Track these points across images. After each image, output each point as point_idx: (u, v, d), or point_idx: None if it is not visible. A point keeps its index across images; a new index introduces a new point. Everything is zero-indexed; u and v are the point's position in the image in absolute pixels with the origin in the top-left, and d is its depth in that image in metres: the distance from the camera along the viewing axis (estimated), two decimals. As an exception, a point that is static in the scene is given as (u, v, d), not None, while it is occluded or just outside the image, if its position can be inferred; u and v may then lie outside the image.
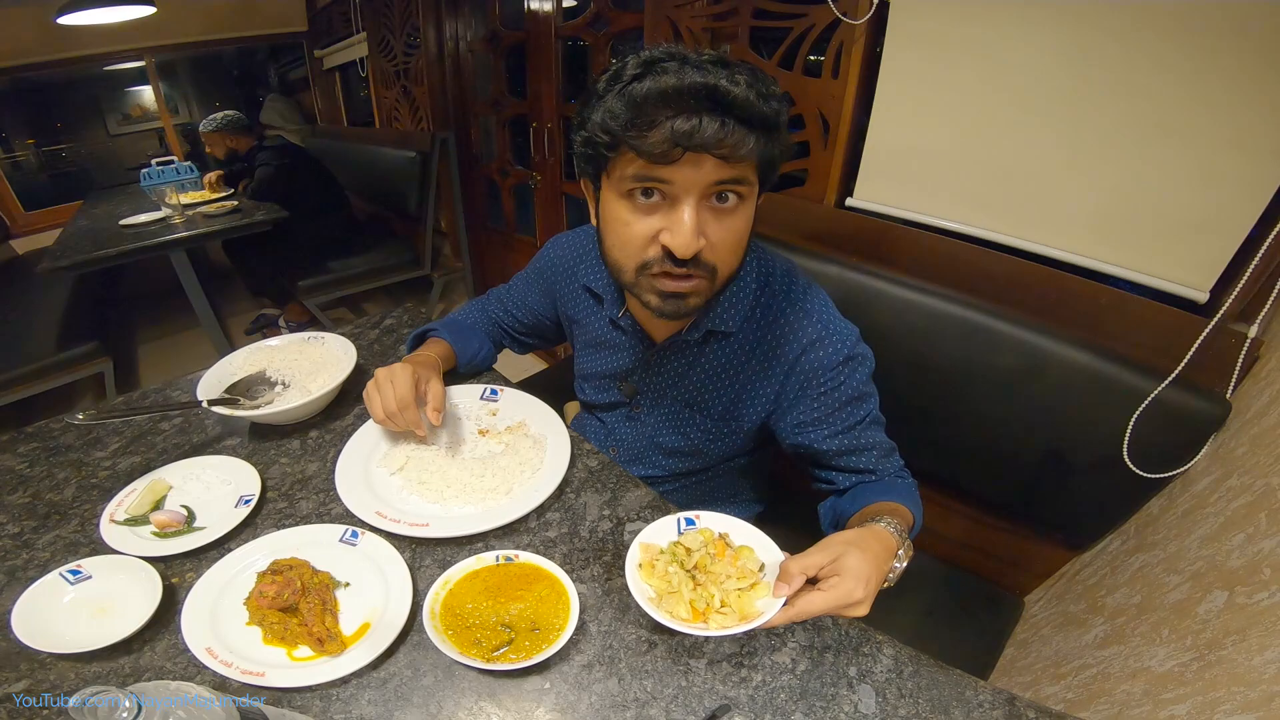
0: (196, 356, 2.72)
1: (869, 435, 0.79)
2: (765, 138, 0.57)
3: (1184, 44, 0.81)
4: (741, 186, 0.60)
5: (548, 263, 0.94)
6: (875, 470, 0.80)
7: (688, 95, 0.54)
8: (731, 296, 0.76)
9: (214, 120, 2.76)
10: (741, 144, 0.55)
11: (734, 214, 0.62)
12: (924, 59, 1.06)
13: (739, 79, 0.55)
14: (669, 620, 0.55)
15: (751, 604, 0.57)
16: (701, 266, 0.63)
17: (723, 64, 0.56)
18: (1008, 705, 0.57)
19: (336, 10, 3.15)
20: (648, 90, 0.55)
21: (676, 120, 0.54)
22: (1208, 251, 0.87)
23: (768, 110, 0.56)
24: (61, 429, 0.92)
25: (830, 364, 0.75)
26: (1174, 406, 0.85)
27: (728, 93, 0.54)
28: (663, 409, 0.88)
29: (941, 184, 1.11)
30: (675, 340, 0.80)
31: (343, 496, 0.76)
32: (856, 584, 0.54)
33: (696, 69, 0.55)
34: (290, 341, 1.01)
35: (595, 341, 0.91)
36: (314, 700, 0.56)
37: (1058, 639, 0.91)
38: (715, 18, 1.36)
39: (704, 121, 0.54)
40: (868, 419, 0.79)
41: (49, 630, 0.60)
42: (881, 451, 0.80)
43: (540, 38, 2.09)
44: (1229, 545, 0.68)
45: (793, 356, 0.76)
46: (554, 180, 2.27)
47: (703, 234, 0.61)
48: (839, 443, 0.78)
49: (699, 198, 0.59)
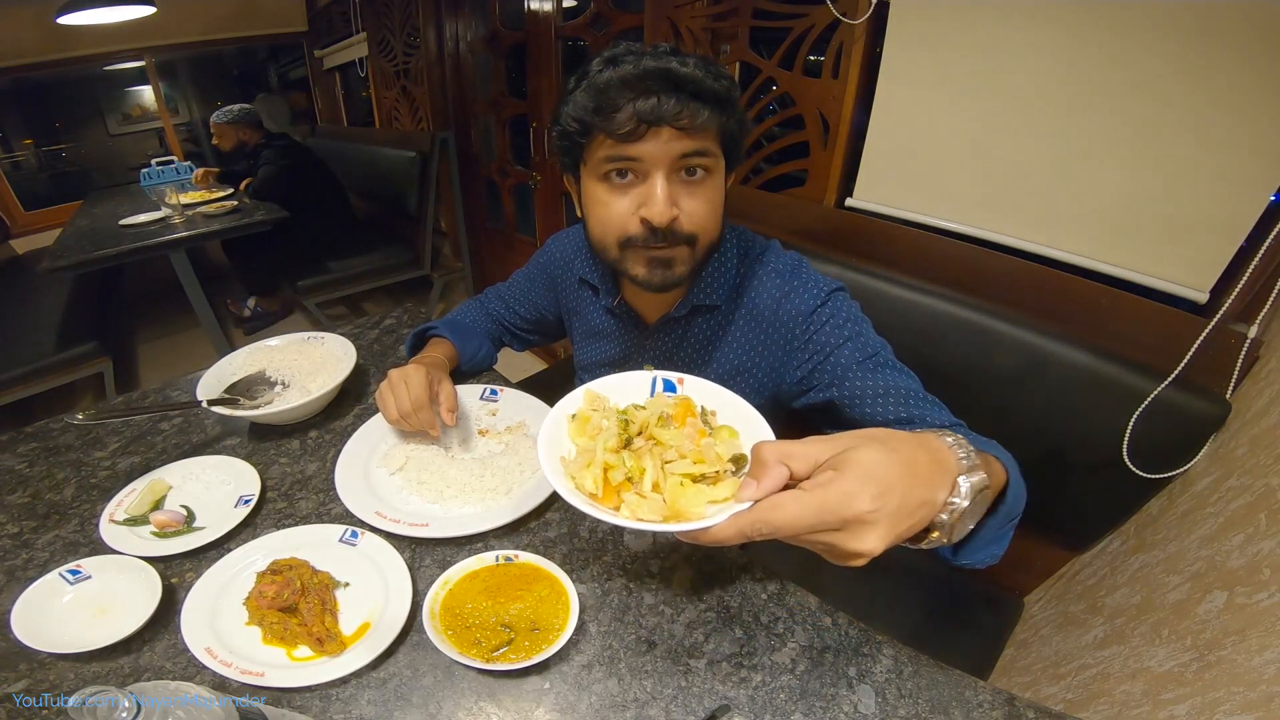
0: (196, 356, 2.72)
1: (880, 378, 0.69)
2: (719, 110, 0.63)
3: (1184, 44, 0.81)
4: (706, 159, 0.65)
5: (549, 258, 0.96)
6: (904, 419, 0.66)
7: (645, 78, 0.60)
8: (714, 271, 0.78)
9: (229, 112, 2.77)
10: (698, 114, 0.61)
11: (703, 185, 0.67)
12: (924, 59, 1.06)
13: (689, 61, 0.62)
14: (565, 489, 0.42)
15: (698, 502, 0.40)
16: (679, 236, 0.67)
17: (675, 53, 0.63)
18: (1007, 705, 0.57)
19: (336, 10, 3.16)
20: (608, 79, 0.62)
21: (637, 101, 0.61)
22: (1207, 252, 0.87)
23: (718, 86, 0.62)
24: (61, 429, 0.92)
25: (805, 310, 0.75)
26: (1174, 407, 0.85)
27: (679, 71, 0.60)
28: None
29: (941, 184, 1.11)
30: (665, 319, 0.82)
31: (342, 496, 0.76)
32: (862, 487, 0.36)
33: (652, 58, 0.62)
34: (290, 341, 1.01)
35: (593, 331, 0.92)
36: (314, 700, 0.56)
37: (1057, 639, 0.91)
38: (715, 18, 1.36)
39: (661, 99, 0.60)
40: (870, 359, 0.71)
41: (48, 630, 0.60)
42: (900, 396, 0.67)
43: (540, 38, 2.09)
44: (1229, 545, 0.68)
45: (769, 314, 0.77)
46: (554, 180, 2.27)
47: (676, 204, 0.65)
48: (842, 390, 0.70)
49: (668, 170, 0.64)
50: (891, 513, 0.36)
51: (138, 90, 3.74)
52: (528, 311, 1.02)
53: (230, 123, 2.76)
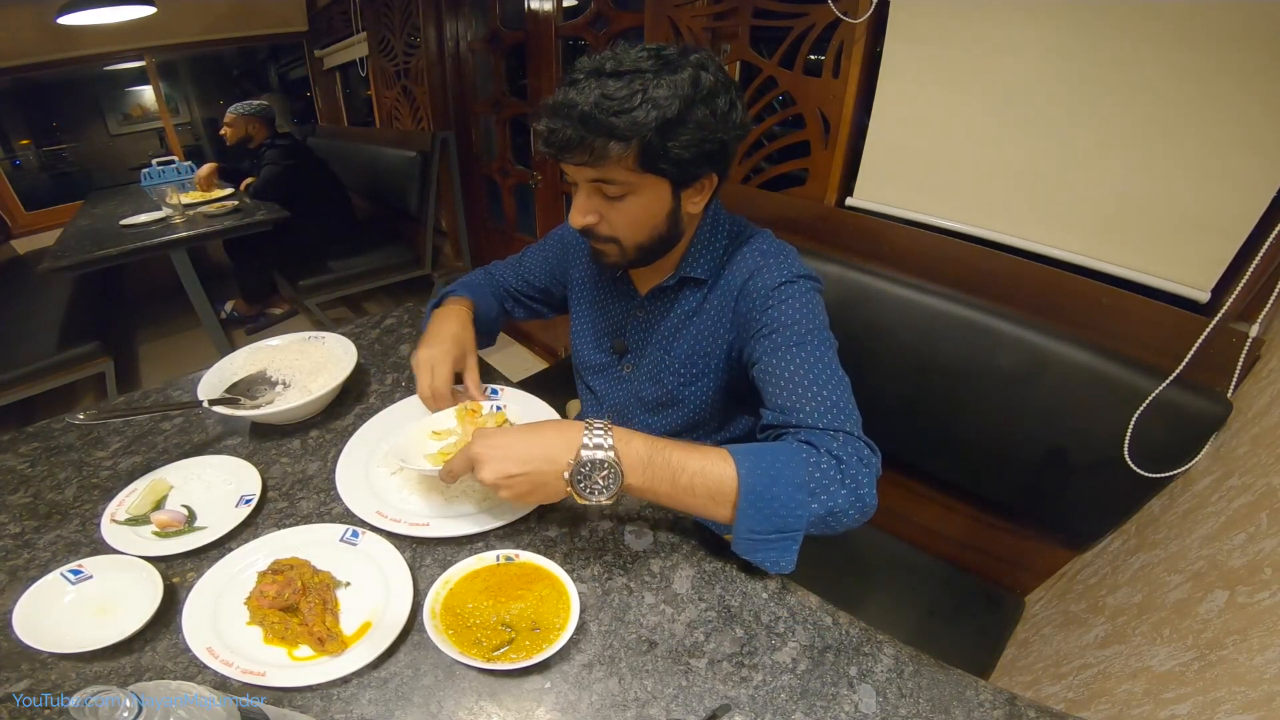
0: (197, 356, 2.72)
1: (794, 362, 0.69)
2: (622, 143, 0.65)
3: (1186, 43, 0.81)
4: (613, 186, 0.70)
5: (568, 230, 1.02)
6: (789, 408, 0.67)
7: (555, 112, 0.66)
8: (700, 247, 0.83)
9: (249, 105, 2.77)
10: (597, 149, 0.66)
11: (623, 201, 0.72)
12: (924, 58, 1.06)
13: (593, 92, 0.64)
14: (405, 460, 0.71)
15: None
16: (601, 238, 0.77)
17: (610, 74, 0.65)
18: (1008, 705, 0.57)
19: (336, 10, 3.15)
20: (543, 106, 0.68)
21: (551, 133, 0.67)
22: (1209, 251, 0.87)
23: (612, 121, 0.64)
24: (62, 429, 0.92)
25: (770, 284, 0.77)
26: (1175, 406, 0.85)
27: (574, 108, 0.64)
28: (644, 363, 0.93)
29: (942, 183, 1.11)
30: (657, 290, 0.87)
31: (343, 496, 0.76)
32: (477, 442, 0.62)
33: (577, 84, 0.65)
34: (291, 341, 1.02)
35: (593, 299, 0.99)
36: (314, 700, 0.56)
37: (1058, 638, 0.91)
38: (715, 17, 1.36)
39: (560, 132, 0.66)
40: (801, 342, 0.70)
41: (50, 630, 0.60)
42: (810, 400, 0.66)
43: (540, 37, 2.09)
44: (1230, 545, 0.68)
45: (739, 284, 0.81)
46: (554, 179, 2.27)
47: (595, 212, 0.74)
48: (759, 347, 0.73)
49: (587, 187, 0.72)
50: (498, 458, 0.60)
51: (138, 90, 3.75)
52: (538, 279, 1.06)
53: (246, 115, 2.76)
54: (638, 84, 0.64)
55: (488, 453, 0.61)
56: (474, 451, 0.61)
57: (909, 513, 1.22)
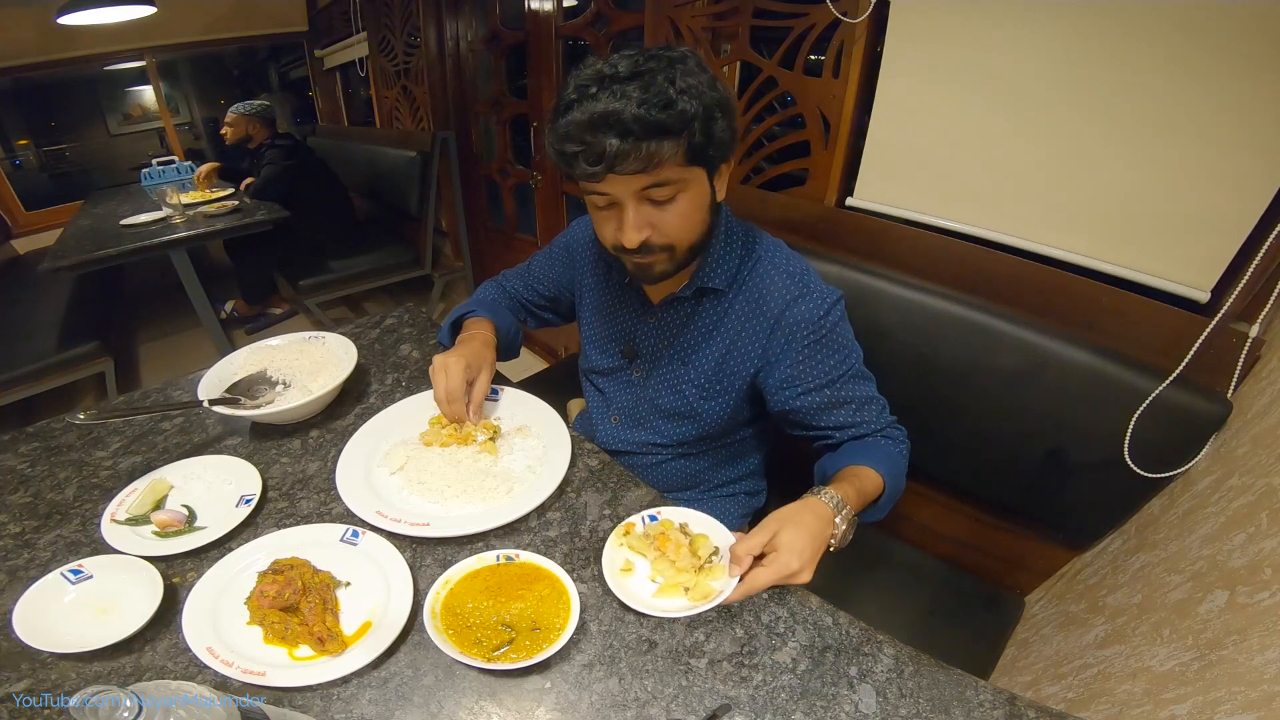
0: (197, 356, 2.72)
1: (850, 388, 0.82)
2: (675, 137, 0.65)
3: (1186, 43, 0.81)
4: (668, 187, 0.69)
5: (572, 237, 1.02)
6: (856, 424, 0.83)
7: (593, 127, 0.63)
8: (718, 256, 0.82)
9: (250, 105, 2.77)
10: (648, 153, 0.64)
11: (674, 203, 0.71)
12: (924, 58, 1.06)
13: (631, 96, 0.62)
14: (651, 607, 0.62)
15: (708, 585, 0.64)
16: (655, 249, 0.74)
17: (627, 78, 0.63)
18: (1008, 705, 0.57)
19: (337, 10, 3.15)
20: (567, 128, 0.65)
21: (590, 150, 0.64)
22: (1209, 251, 0.87)
23: (665, 117, 0.63)
24: (63, 429, 0.92)
25: (812, 318, 0.79)
26: (1175, 406, 0.85)
27: (619, 116, 0.62)
28: (659, 370, 0.92)
29: (942, 183, 1.11)
30: (670, 299, 0.86)
31: (343, 496, 0.76)
32: (791, 556, 0.63)
33: (601, 96, 0.63)
34: (291, 341, 1.02)
35: (601, 305, 0.98)
36: (315, 700, 0.56)
37: (1058, 639, 0.91)
38: (715, 17, 1.36)
39: (610, 147, 0.63)
40: (849, 373, 0.82)
41: (50, 630, 0.60)
42: (860, 403, 0.83)
43: (541, 37, 2.09)
44: (1230, 545, 0.68)
45: (776, 312, 0.81)
46: (554, 180, 2.27)
47: (648, 225, 0.71)
48: (820, 398, 0.82)
49: (635, 200, 0.69)
50: (809, 560, 0.64)
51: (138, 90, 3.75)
52: (546, 289, 1.05)
53: (248, 115, 2.76)
54: (662, 79, 0.63)
55: (798, 563, 0.63)
56: (791, 568, 0.63)
57: (909, 513, 1.22)
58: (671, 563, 0.66)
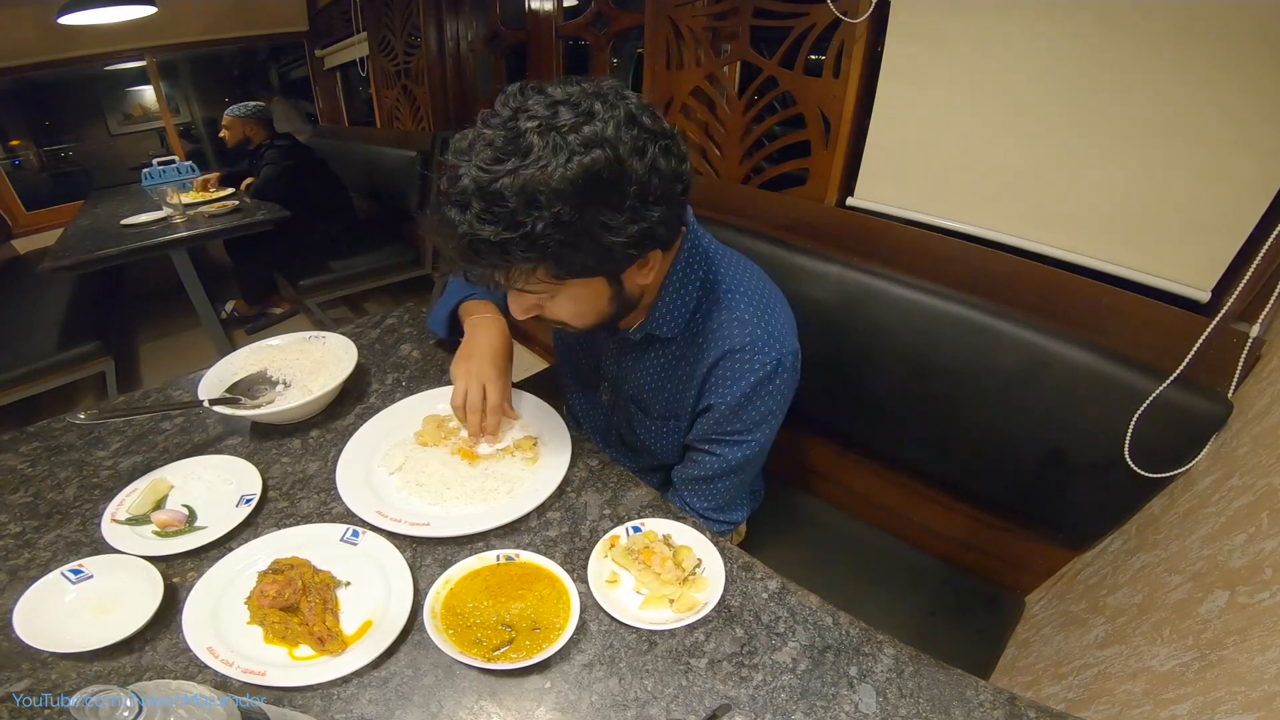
0: (197, 356, 2.72)
1: (714, 459, 0.82)
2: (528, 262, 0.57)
3: (1186, 43, 0.81)
4: (536, 291, 0.64)
5: None
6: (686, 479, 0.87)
7: (441, 226, 0.58)
8: (668, 306, 0.76)
9: (245, 106, 2.77)
10: (502, 275, 0.60)
11: (554, 298, 0.66)
12: (925, 58, 1.05)
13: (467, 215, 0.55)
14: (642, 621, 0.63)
15: (692, 597, 0.65)
16: (551, 322, 0.71)
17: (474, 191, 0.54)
18: (1008, 705, 0.57)
19: (337, 10, 3.15)
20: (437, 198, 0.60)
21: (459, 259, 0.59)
22: (1209, 251, 0.86)
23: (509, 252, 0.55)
24: (63, 428, 0.92)
25: (742, 390, 0.75)
26: (1175, 406, 0.85)
27: (453, 226, 0.56)
28: (620, 403, 0.93)
29: (942, 183, 1.11)
30: (623, 336, 0.82)
31: (344, 496, 0.76)
32: None
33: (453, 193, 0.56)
34: (291, 341, 1.02)
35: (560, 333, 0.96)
36: (315, 699, 0.56)
37: (1059, 639, 0.91)
38: (715, 17, 1.36)
39: (472, 265, 0.59)
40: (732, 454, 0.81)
41: (50, 629, 0.60)
42: (706, 480, 0.85)
43: (541, 37, 2.09)
44: (1230, 545, 0.68)
45: (712, 360, 0.76)
46: (554, 180, 2.27)
47: (535, 307, 0.68)
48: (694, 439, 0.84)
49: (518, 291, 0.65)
50: None
51: (138, 90, 3.74)
52: None
53: (243, 117, 2.76)
54: (516, 181, 0.53)
55: None
56: None
57: (909, 513, 1.22)
58: (656, 575, 0.66)
